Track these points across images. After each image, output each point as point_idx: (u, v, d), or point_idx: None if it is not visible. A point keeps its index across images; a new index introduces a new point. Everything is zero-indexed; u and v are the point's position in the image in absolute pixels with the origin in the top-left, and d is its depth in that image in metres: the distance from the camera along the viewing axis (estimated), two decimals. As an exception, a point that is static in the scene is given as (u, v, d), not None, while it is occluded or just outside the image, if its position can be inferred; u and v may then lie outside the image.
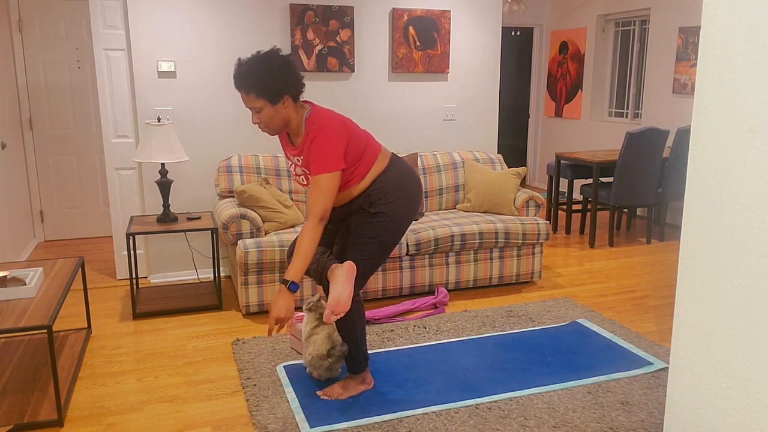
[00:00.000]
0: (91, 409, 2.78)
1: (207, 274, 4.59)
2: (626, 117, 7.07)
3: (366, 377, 2.88)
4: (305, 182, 2.72)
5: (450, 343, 3.42)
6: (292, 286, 2.45)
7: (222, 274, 4.60)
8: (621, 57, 7.14)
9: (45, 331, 2.77)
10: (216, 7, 4.28)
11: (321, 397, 2.79)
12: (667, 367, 3.04)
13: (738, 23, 1.69)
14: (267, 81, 2.47)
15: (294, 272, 2.44)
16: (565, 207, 6.03)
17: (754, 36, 1.65)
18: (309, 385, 2.93)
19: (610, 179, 6.20)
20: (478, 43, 4.98)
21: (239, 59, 2.55)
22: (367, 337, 3.44)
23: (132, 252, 4.36)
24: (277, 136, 3.15)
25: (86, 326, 3.67)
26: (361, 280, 2.69)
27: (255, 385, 2.95)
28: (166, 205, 3.97)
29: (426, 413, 2.70)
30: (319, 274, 2.67)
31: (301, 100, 2.62)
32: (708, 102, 1.80)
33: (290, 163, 2.73)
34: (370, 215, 2.66)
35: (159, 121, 3.86)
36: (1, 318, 2.59)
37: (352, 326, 2.74)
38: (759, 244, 1.68)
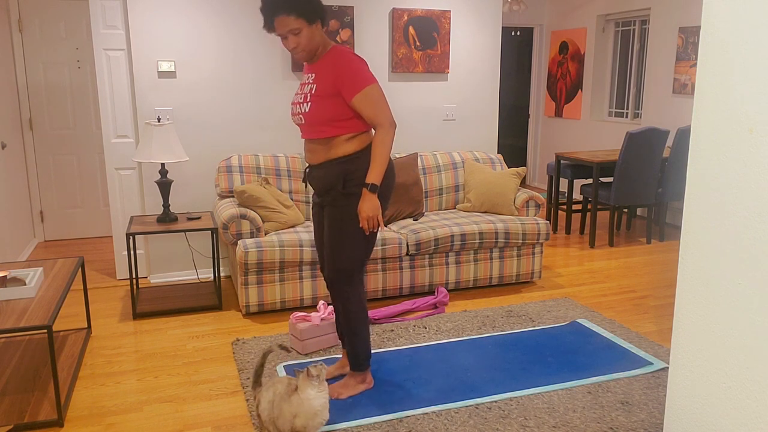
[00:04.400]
0: (91, 409, 2.78)
1: (207, 274, 4.59)
2: (626, 117, 7.07)
3: (366, 377, 2.88)
4: (301, 110, 2.66)
5: (450, 343, 3.42)
6: (373, 188, 2.56)
7: (222, 274, 4.60)
8: (621, 57, 7.14)
9: (45, 331, 2.76)
10: (216, 7, 4.28)
11: None
12: (667, 367, 3.04)
13: (738, 23, 1.69)
14: (305, 0, 2.51)
15: (374, 176, 2.55)
16: (565, 207, 6.03)
17: (754, 36, 1.65)
18: (309, 385, 2.93)
19: (610, 179, 6.20)
20: (478, 43, 4.98)
21: None
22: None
23: (132, 252, 4.36)
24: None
25: (86, 326, 3.67)
26: (357, 266, 2.70)
27: (255, 385, 2.95)
28: (166, 205, 3.97)
29: (426, 413, 2.70)
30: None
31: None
32: (708, 102, 1.80)
33: (299, 87, 2.72)
34: (344, 197, 2.64)
35: (159, 121, 3.86)
36: (1, 318, 2.60)
37: (353, 327, 2.74)
38: (759, 244, 1.68)
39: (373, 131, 2.73)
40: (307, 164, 2.78)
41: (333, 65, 2.57)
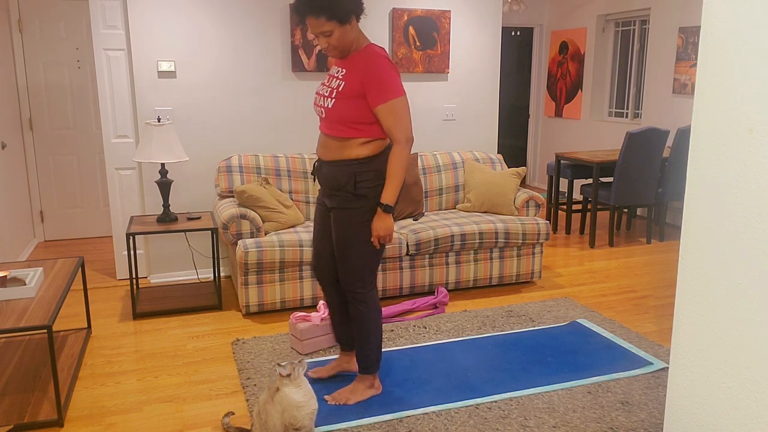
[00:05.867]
0: (91, 409, 2.78)
1: (207, 274, 4.59)
2: (626, 117, 7.07)
3: (375, 381, 2.85)
4: (324, 103, 2.60)
5: (450, 343, 3.42)
6: (387, 209, 2.57)
7: (222, 274, 4.60)
8: (621, 57, 7.14)
9: (45, 331, 2.77)
10: (216, 7, 4.28)
11: (329, 402, 2.77)
12: (667, 367, 3.04)
13: (738, 23, 1.69)
14: (335, 2, 2.43)
15: (388, 196, 2.56)
16: (565, 207, 6.03)
17: (754, 36, 1.65)
18: (309, 385, 2.93)
19: (610, 179, 6.19)
20: (478, 43, 4.98)
21: None
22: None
23: (132, 252, 4.36)
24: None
25: (86, 326, 3.67)
26: (370, 270, 2.69)
27: (255, 385, 2.95)
28: (166, 205, 3.97)
29: (426, 413, 2.70)
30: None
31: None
32: (708, 102, 1.80)
33: (326, 78, 2.66)
34: (354, 198, 2.59)
35: (159, 121, 3.86)
36: (1, 318, 2.60)
37: (367, 331, 2.72)
38: (759, 244, 1.68)
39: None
40: (318, 158, 2.72)
41: (365, 68, 2.50)
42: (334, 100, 2.56)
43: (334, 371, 2.99)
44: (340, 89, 2.55)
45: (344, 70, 2.57)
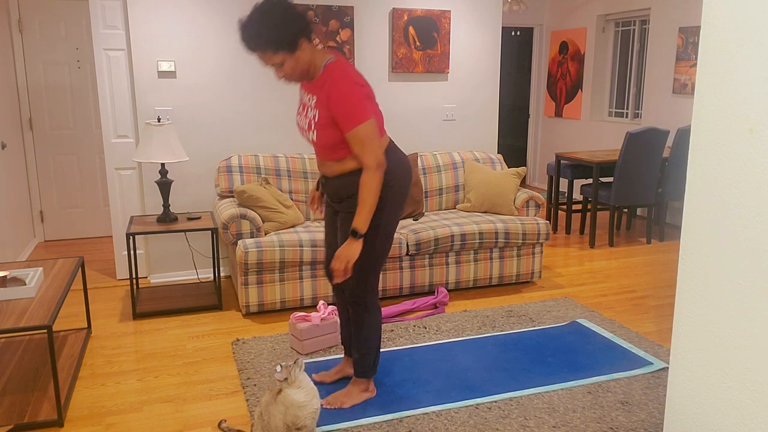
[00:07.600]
0: (91, 409, 2.78)
1: (207, 274, 4.59)
2: (626, 117, 7.07)
3: (369, 385, 2.84)
4: (309, 136, 2.59)
5: (450, 343, 3.42)
6: (356, 234, 2.48)
7: (222, 274, 4.60)
8: (621, 57, 7.14)
9: (45, 331, 2.77)
10: (216, 7, 4.28)
11: (324, 407, 2.76)
12: (667, 367, 3.04)
13: (738, 23, 1.69)
14: (279, 33, 2.37)
15: (361, 222, 2.47)
16: (565, 207, 6.03)
17: (754, 36, 1.65)
18: (309, 385, 2.92)
19: (610, 179, 6.20)
20: (478, 43, 4.98)
21: (240, 21, 2.42)
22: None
23: (132, 252, 4.36)
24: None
25: (86, 326, 3.67)
26: (373, 273, 2.66)
27: (255, 385, 2.95)
28: (166, 205, 3.97)
29: (426, 413, 2.70)
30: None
31: (326, 48, 2.54)
32: (708, 102, 1.80)
33: (300, 106, 2.64)
34: None
35: (159, 121, 3.86)
36: (1, 318, 2.60)
37: (366, 335, 2.71)
38: (759, 244, 1.68)
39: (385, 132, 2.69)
40: (321, 174, 2.73)
41: (328, 96, 2.45)
42: (315, 131, 2.54)
43: (337, 376, 2.98)
44: (316, 120, 2.52)
45: (315, 98, 2.54)
